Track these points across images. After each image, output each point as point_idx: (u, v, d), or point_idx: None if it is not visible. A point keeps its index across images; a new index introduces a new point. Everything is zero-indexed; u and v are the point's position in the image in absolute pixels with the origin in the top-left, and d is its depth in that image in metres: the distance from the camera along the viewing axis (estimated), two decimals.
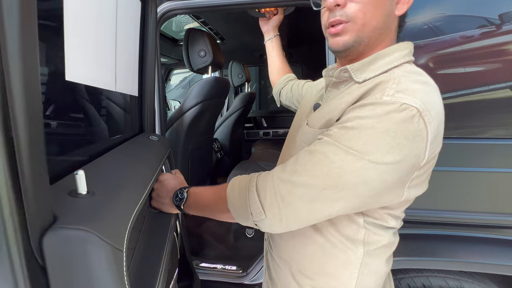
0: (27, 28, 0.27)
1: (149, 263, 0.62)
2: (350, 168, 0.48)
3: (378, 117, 0.47)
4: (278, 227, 0.57)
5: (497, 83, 0.91)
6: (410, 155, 0.47)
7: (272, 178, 0.56)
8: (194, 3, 1.16)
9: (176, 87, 4.35)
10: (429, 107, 0.47)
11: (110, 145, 0.70)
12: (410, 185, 0.52)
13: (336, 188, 0.49)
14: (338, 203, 0.51)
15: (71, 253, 0.31)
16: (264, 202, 0.56)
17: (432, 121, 0.47)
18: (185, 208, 0.71)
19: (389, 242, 0.62)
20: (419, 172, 0.51)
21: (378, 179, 0.48)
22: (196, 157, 1.73)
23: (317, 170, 0.50)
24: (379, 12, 0.53)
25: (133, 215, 0.43)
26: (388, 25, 0.56)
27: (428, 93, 0.49)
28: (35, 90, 0.28)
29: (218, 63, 1.58)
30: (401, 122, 0.46)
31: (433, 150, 0.49)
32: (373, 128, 0.47)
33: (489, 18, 0.90)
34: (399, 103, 0.46)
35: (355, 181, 0.48)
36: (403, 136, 0.46)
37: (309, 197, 0.51)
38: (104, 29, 0.61)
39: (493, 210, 0.96)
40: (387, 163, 0.47)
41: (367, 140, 0.47)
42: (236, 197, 0.61)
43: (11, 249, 0.28)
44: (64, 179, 0.44)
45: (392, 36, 0.58)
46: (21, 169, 0.27)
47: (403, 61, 0.55)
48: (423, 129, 0.46)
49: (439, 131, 0.50)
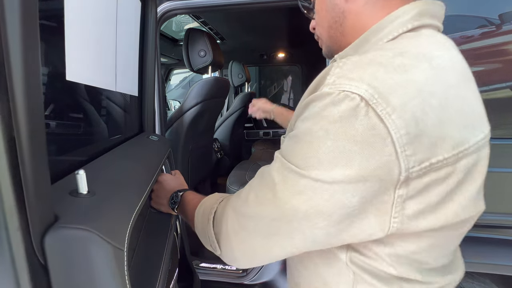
0: (29, 28, 0.27)
1: (150, 263, 0.62)
2: (294, 189, 0.37)
3: (314, 117, 0.36)
4: (240, 262, 0.49)
5: (497, 83, 0.91)
6: (369, 166, 0.33)
7: (228, 208, 0.49)
8: (194, 3, 1.16)
9: (176, 87, 4.35)
10: (387, 91, 0.33)
11: (111, 145, 0.70)
12: (404, 212, 0.36)
13: (286, 217, 0.39)
14: (296, 238, 0.39)
15: (72, 252, 0.31)
16: (219, 237, 0.50)
17: (395, 112, 0.32)
18: (178, 212, 0.71)
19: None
20: (406, 190, 0.34)
21: (331, 202, 0.35)
22: (196, 157, 1.73)
23: (264, 196, 0.41)
24: (324, 12, 0.51)
25: (133, 215, 0.43)
26: (341, 12, 0.47)
27: (394, 71, 0.34)
28: (37, 90, 0.28)
29: (218, 63, 1.58)
30: (340, 118, 0.34)
31: (420, 157, 0.33)
32: (311, 133, 0.36)
33: (489, 18, 0.90)
34: (337, 92, 0.35)
35: (304, 207, 0.37)
36: (347, 139, 0.33)
37: (260, 231, 0.42)
38: (104, 29, 0.62)
39: (493, 210, 0.96)
40: (335, 180, 0.34)
41: (306, 150, 0.36)
42: (199, 224, 0.57)
43: (12, 248, 0.28)
44: (65, 179, 0.44)
45: (364, 15, 0.45)
46: (22, 169, 0.27)
47: (401, 31, 0.41)
48: (378, 125, 0.32)
49: (429, 129, 0.33)
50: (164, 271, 0.63)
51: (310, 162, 0.36)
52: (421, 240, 0.39)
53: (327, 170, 0.34)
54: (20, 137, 0.27)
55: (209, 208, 0.55)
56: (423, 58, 0.36)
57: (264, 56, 3.21)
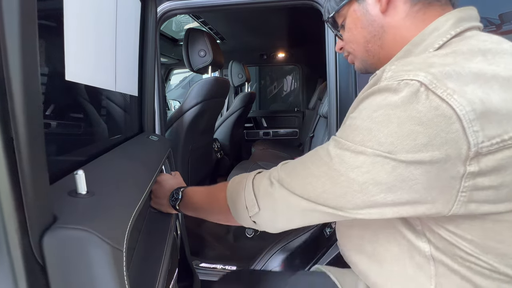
0: (27, 28, 0.27)
1: (149, 263, 0.62)
2: (351, 164, 0.40)
3: (373, 106, 0.39)
4: (277, 223, 0.52)
5: None
6: (435, 143, 0.34)
7: (273, 173, 0.52)
8: (194, 3, 1.16)
9: (176, 87, 4.35)
10: (444, 77, 0.35)
11: (110, 145, 0.70)
12: (475, 188, 0.35)
13: (339, 189, 0.41)
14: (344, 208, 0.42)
15: (71, 253, 0.31)
16: (259, 198, 0.52)
17: (456, 93, 0.34)
18: (181, 208, 0.71)
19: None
20: (478, 167, 0.34)
21: (393, 175, 0.37)
22: (196, 157, 1.74)
23: (317, 168, 0.44)
24: (359, 29, 0.54)
25: (133, 215, 0.43)
26: (380, 27, 0.51)
27: (449, 65, 0.36)
28: (35, 90, 0.28)
29: (218, 63, 1.58)
30: (402, 103, 0.36)
31: (489, 133, 0.34)
32: (371, 119, 0.38)
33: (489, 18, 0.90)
34: (396, 82, 0.37)
35: (362, 179, 0.39)
36: (411, 121, 0.35)
37: (307, 196, 0.45)
38: (104, 29, 0.62)
39: None
40: (397, 157, 0.36)
41: (365, 134, 0.39)
42: (233, 192, 0.59)
43: (10, 248, 0.28)
44: (63, 179, 0.44)
45: (404, 27, 0.49)
46: (21, 169, 0.27)
47: (445, 39, 0.43)
48: (441, 105, 0.34)
49: (495, 107, 0.34)
50: (163, 271, 0.63)
51: (370, 144, 0.37)
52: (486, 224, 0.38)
53: (389, 149, 0.36)
54: (18, 137, 0.26)
55: (245, 177, 0.57)
56: (477, 52, 0.38)
57: (264, 56, 3.21)
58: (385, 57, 0.53)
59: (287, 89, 3.85)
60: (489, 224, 0.38)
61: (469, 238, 0.39)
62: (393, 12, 0.49)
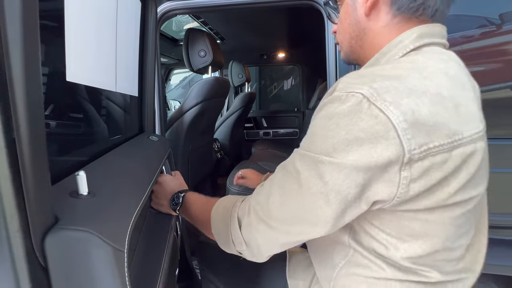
0: (29, 29, 0.27)
1: (150, 263, 0.62)
2: (315, 174, 0.44)
3: (327, 115, 0.43)
4: (263, 252, 0.53)
5: (497, 83, 0.91)
6: (377, 149, 0.39)
7: (252, 202, 0.53)
8: (194, 3, 1.16)
9: (176, 87, 4.35)
10: (383, 91, 0.40)
11: (111, 145, 0.70)
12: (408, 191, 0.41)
13: (311, 203, 0.44)
14: (319, 222, 0.45)
15: (73, 253, 0.31)
16: (244, 231, 0.53)
17: (392, 105, 0.39)
18: (181, 213, 0.72)
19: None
20: (410, 173, 0.39)
21: (347, 182, 0.42)
22: (196, 157, 1.73)
23: (290, 187, 0.47)
24: (347, 24, 0.57)
25: (134, 216, 0.43)
26: (362, 29, 0.54)
27: (390, 79, 0.41)
28: (37, 91, 0.28)
29: (218, 63, 1.58)
30: (348, 112, 0.40)
31: (419, 141, 0.39)
32: (326, 127, 0.42)
33: (489, 18, 0.90)
34: (345, 94, 0.41)
35: (325, 190, 0.43)
36: (356, 129, 0.39)
37: (287, 219, 0.47)
38: (104, 29, 0.62)
39: (493, 211, 0.96)
40: (348, 162, 0.41)
41: (323, 141, 0.42)
42: (219, 223, 0.58)
43: (13, 249, 0.28)
44: (65, 180, 0.44)
45: (382, 35, 0.52)
46: (23, 170, 0.27)
47: (405, 52, 0.47)
48: (380, 115, 0.39)
49: (423, 119, 0.39)
50: (164, 272, 0.63)
51: (327, 150, 0.41)
52: (417, 219, 0.44)
53: (342, 155, 0.40)
54: (20, 139, 0.26)
55: (230, 206, 0.57)
56: (415, 70, 0.43)
57: (264, 56, 3.21)
58: (363, 58, 0.56)
59: (287, 89, 3.86)
60: (405, 221, 0.44)
61: (387, 231, 0.46)
62: (375, 18, 0.52)
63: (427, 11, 0.48)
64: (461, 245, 0.47)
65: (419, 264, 0.46)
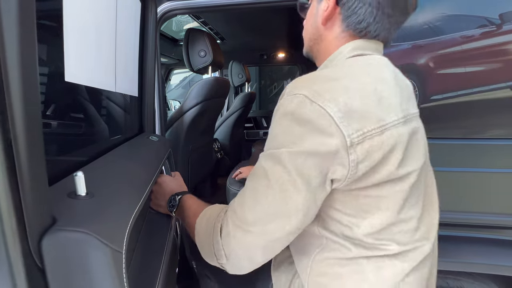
0: (26, 28, 0.26)
1: (149, 264, 0.62)
2: (279, 168, 0.49)
3: (279, 115, 0.50)
4: (244, 263, 0.54)
5: (497, 83, 0.91)
6: (323, 137, 0.46)
7: (229, 212, 0.54)
8: (194, 3, 1.16)
9: (176, 87, 4.35)
10: (322, 91, 0.48)
11: (110, 145, 0.70)
12: (357, 171, 0.48)
13: (283, 198, 0.49)
14: (292, 214, 0.49)
15: (70, 255, 0.31)
16: (224, 242, 0.53)
17: (330, 102, 0.47)
18: (177, 215, 0.72)
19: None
20: (356, 155, 0.47)
21: (307, 167, 0.48)
22: (196, 157, 1.73)
23: (260, 186, 0.51)
24: (309, 24, 0.64)
25: (132, 217, 0.43)
26: (319, 35, 0.62)
27: (327, 81, 0.50)
28: (34, 92, 0.28)
29: (218, 63, 1.57)
30: (294, 110, 0.48)
31: (355, 126, 0.46)
32: (280, 126, 0.50)
33: (489, 18, 0.89)
34: (290, 96, 0.49)
35: (292, 179, 0.48)
36: (303, 123, 0.47)
37: (262, 219, 0.50)
38: (104, 29, 0.61)
39: (493, 211, 0.96)
40: (305, 150, 0.47)
41: (280, 137, 0.50)
42: (202, 232, 0.58)
43: (9, 251, 0.27)
44: (63, 181, 0.44)
45: (333, 44, 0.60)
46: (19, 171, 0.27)
47: (344, 59, 0.57)
48: (320, 110, 0.46)
49: (355, 109, 0.47)
50: (163, 272, 0.63)
51: (285, 143, 0.48)
52: (370, 196, 0.51)
53: (298, 144, 0.47)
54: (17, 139, 0.26)
55: (214, 217, 0.57)
56: (348, 73, 0.53)
57: (264, 56, 3.20)
58: (319, 60, 0.65)
59: None
60: (360, 200, 0.51)
61: (348, 213, 0.52)
62: (330, 29, 0.60)
63: (369, 34, 0.57)
64: (412, 216, 0.54)
65: (379, 239, 0.52)
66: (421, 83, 0.92)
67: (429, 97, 0.94)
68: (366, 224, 0.52)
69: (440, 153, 0.94)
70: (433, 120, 0.91)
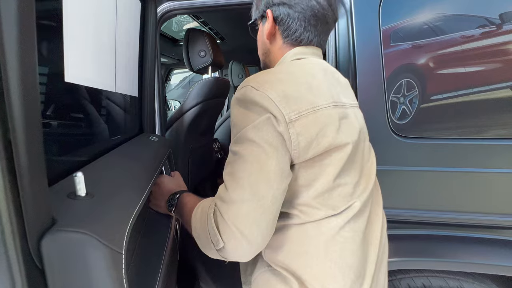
0: (26, 28, 0.26)
1: (149, 264, 0.62)
2: (246, 148, 0.57)
3: (233, 105, 0.62)
4: (242, 246, 0.55)
5: (497, 83, 0.91)
6: (269, 114, 0.56)
7: (216, 199, 0.58)
8: (194, 3, 1.16)
9: (176, 87, 4.35)
10: (263, 82, 0.59)
11: (110, 146, 0.70)
12: (299, 143, 0.57)
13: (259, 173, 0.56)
14: (273, 184, 0.56)
15: (70, 256, 0.31)
16: (220, 228, 0.55)
17: (270, 89, 0.57)
18: (175, 214, 0.72)
19: None
20: (294, 129, 0.56)
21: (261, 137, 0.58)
22: (196, 157, 1.73)
23: (237, 169, 0.57)
24: (260, 42, 0.79)
25: (132, 217, 0.43)
26: (268, 49, 0.76)
27: (269, 75, 0.62)
28: (33, 92, 0.28)
29: (218, 63, 1.57)
30: (242, 97, 0.59)
31: (291, 107, 0.57)
32: (234, 114, 0.61)
33: (489, 18, 0.89)
34: (242, 88, 0.60)
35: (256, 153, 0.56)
36: (251, 106, 0.58)
37: (248, 197, 0.55)
38: (104, 29, 0.61)
39: (493, 211, 0.96)
40: (254, 125, 0.56)
41: (235, 122, 0.60)
42: (197, 223, 0.60)
43: (9, 251, 0.27)
44: (63, 181, 0.44)
45: (278, 54, 0.74)
46: (19, 172, 0.27)
47: (288, 62, 0.70)
48: (263, 95, 0.57)
49: (290, 94, 0.58)
50: (163, 272, 0.63)
51: (245, 123, 0.57)
52: (315, 166, 0.60)
53: (254, 121, 0.56)
54: (16, 140, 0.26)
55: (207, 206, 0.60)
56: (285, 70, 0.64)
57: None
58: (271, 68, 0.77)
59: None
60: (308, 169, 0.60)
61: (301, 183, 0.61)
62: (273, 43, 0.74)
63: (303, 42, 0.71)
64: (346, 182, 0.63)
65: (323, 204, 0.61)
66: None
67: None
68: (313, 190, 0.61)
69: (442, 153, 0.94)
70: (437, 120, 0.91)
